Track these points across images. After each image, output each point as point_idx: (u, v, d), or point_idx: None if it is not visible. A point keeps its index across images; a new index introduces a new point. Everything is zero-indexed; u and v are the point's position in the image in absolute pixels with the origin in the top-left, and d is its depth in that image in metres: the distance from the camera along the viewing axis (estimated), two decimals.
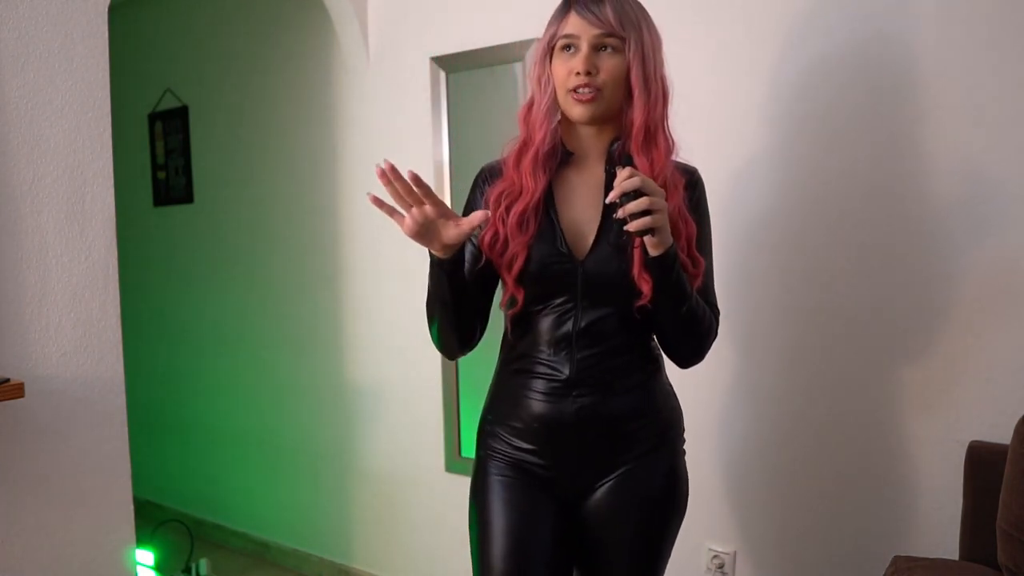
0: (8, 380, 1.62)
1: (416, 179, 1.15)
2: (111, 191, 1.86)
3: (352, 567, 2.83)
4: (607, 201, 1.17)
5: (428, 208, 1.17)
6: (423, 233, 1.19)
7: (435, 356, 2.46)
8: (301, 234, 2.89)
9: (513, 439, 1.37)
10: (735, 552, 1.98)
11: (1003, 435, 1.55)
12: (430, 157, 2.43)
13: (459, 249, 1.25)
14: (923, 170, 1.69)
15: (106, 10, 1.84)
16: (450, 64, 2.40)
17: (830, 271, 1.81)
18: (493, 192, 1.34)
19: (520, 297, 1.32)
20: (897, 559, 1.55)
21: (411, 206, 1.17)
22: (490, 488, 1.38)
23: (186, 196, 3.31)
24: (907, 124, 1.71)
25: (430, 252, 1.25)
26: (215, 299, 3.25)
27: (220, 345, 3.25)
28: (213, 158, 3.20)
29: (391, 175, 1.15)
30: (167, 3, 3.37)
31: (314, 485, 2.94)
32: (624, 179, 1.14)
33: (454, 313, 1.31)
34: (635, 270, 1.25)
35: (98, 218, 1.84)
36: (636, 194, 1.13)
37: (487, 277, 1.35)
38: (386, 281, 2.61)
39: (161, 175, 3.42)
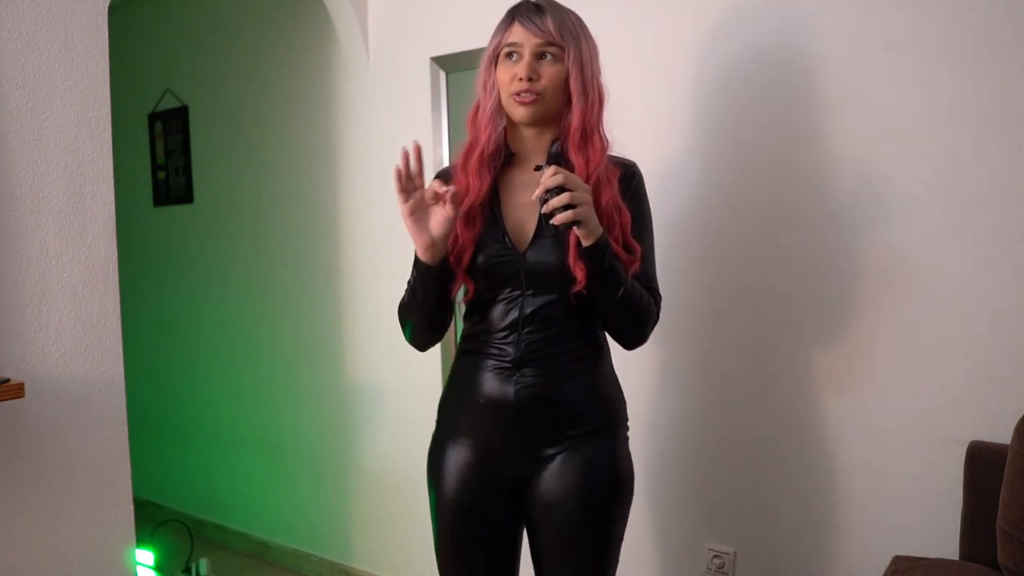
0: (8, 380, 1.62)
1: (418, 152, 1.32)
2: (111, 191, 1.86)
3: (352, 567, 2.83)
4: (533, 198, 1.29)
5: (426, 191, 1.34)
6: (419, 216, 1.34)
7: (435, 356, 2.46)
8: (301, 234, 2.89)
9: (465, 417, 1.47)
10: (735, 552, 1.98)
11: (1003, 435, 1.56)
12: (430, 157, 2.43)
13: (444, 255, 1.38)
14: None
15: (106, 10, 1.84)
16: (450, 64, 2.40)
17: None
18: None
19: (471, 288, 1.44)
20: (897, 559, 1.55)
21: (415, 188, 1.33)
22: (444, 464, 1.48)
23: (186, 196, 3.31)
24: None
25: (419, 261, 1.38)
26: (215, 299, 3.25)
27: (220, 345, 3.25)
28: (213, 158, 3.20)
29: (415, 155, 1.31)
30: (167, 3, 3.37)
31: (314, 485, 2.94)
32: (548, 177, 1.25)
33: (432, 312, 1.44)
34: (570, 259, 1.36)
35: (98, 218, 1.84)
36: (560, 190, 1.24)
37: (450, 271, 1.45)
38: (386, 281, 2.60)
39: (161, 175, 3.42)
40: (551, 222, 1.26)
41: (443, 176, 1.50)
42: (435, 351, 2.44)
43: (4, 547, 1.70)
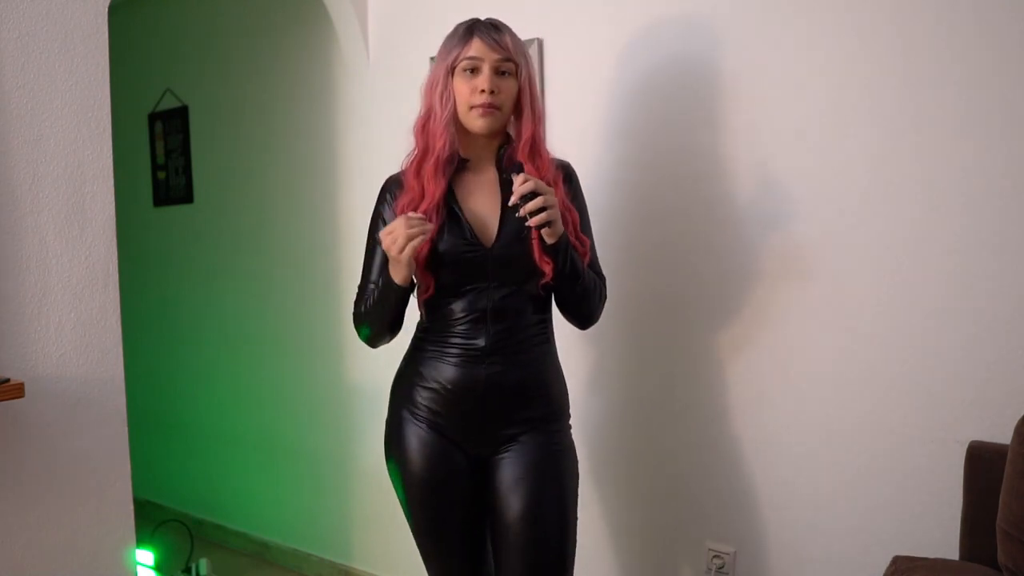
0: (8, 380, 1.62)
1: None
2: (111, 191, 1.86)
3: (352, 567, 2.83)
4: (509, 204, 1.42)
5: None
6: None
7: None
8: (301, 234, 2.89)
9: (425, 402, 1.56)
10: (735, 552, 1.98)
11: (1003, 435, 1.55)
12: None
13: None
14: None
15: (106, 10, 1.85)
16: None
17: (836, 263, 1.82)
18: (399, 205, 1.54)
19: (430, 284, 1.53)
20: (897, 559, 1.55)
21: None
22: (407, 443, 1.58)
23: (186, 196, 3.31)
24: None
25: (390, 281, 1.48)
26: (215, 299, 3.25)
27: (220, 345, 3.25)
28: (213, 158, 3.20)
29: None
30: (167, 3, 3.37)
31: (314, 485, 2.94)
32: (520, 184, 1.39)
33: (395, 315, 1.55)
34: (536, 255, 1.49)
35: (98, 218, 1.84)
36: (532, 195, 1.39)
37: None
38: None
39: (161, 175, 3.42)
40: (528, 223, 1.41)
41: (396, 183, 1.59)
42: None
43: (4, 546, 1.70)
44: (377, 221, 1.62)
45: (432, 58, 2.42)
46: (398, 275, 1.46)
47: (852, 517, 1.81)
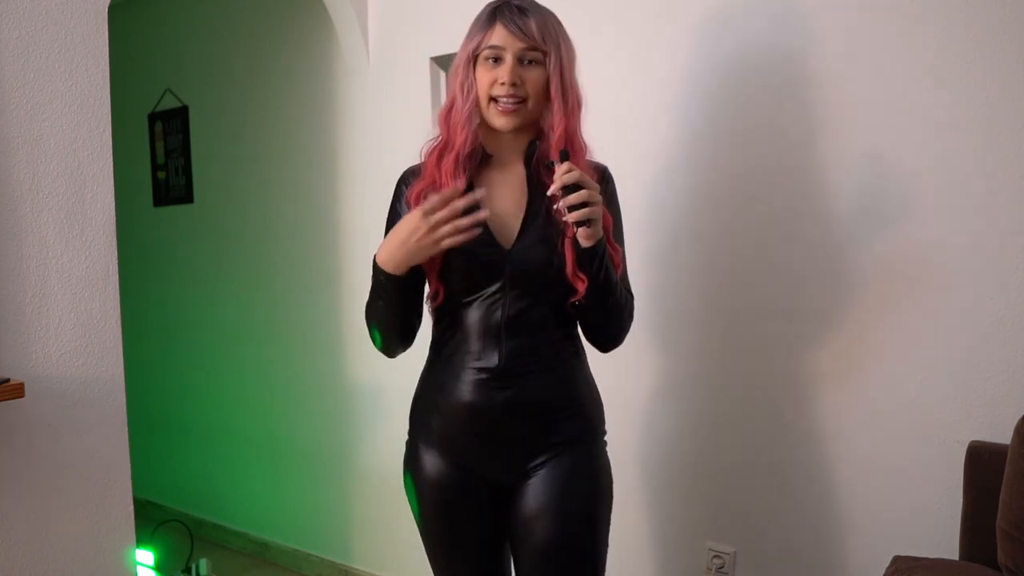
0: (8, 380, 1.62)
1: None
2: (111, 191, 1.86)
3: (352, 567, 2.82)
4: (549, 193, 1.26)
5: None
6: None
7: None
8: (301, 234, 2.89)
9: (442, 426, 1.42)
10: (735, 552, 1.98)
11: (1003, 435, 1.55)
12: None
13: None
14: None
15: (106, 10, 1.84)
16: (450, 64, 2.39)
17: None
18: (414, 191, 1.39)
19: (442, 291, 1.38)
20: (897, 559, 1.55)
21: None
22: (423, 470, 1.44)
23: (186, 196, 3.31)
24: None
25: (383, 270, 1.33)
26: (215, 299, 3.25)
27: (220, 345, 3.25)
28: (213, 158, 3.20)
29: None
30: (167, 3, 3.37)
31: (314, 485, 2.94)
32: (564, 173, 1.23)
33: (399, 316, 1.39)
34: (568, 268, 1.33)
35: (98, 218, 1.84)
36: (576, 187, 1.23)
37: (419, 273, 1.38)
38: None
39: (161, 175, 3.42)
40: (566, 219, 1.25)
41: (412, 174, 1.45)
42: None
43: (3, 546, 1.70)
44: (393, 219, 1.45)
45: (432, 58, 2.45)
46: (391, 262, 1.31)
47: (852, 517, 1.81)
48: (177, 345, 3.45)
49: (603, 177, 1.43)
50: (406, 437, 1.50)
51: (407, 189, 1.43)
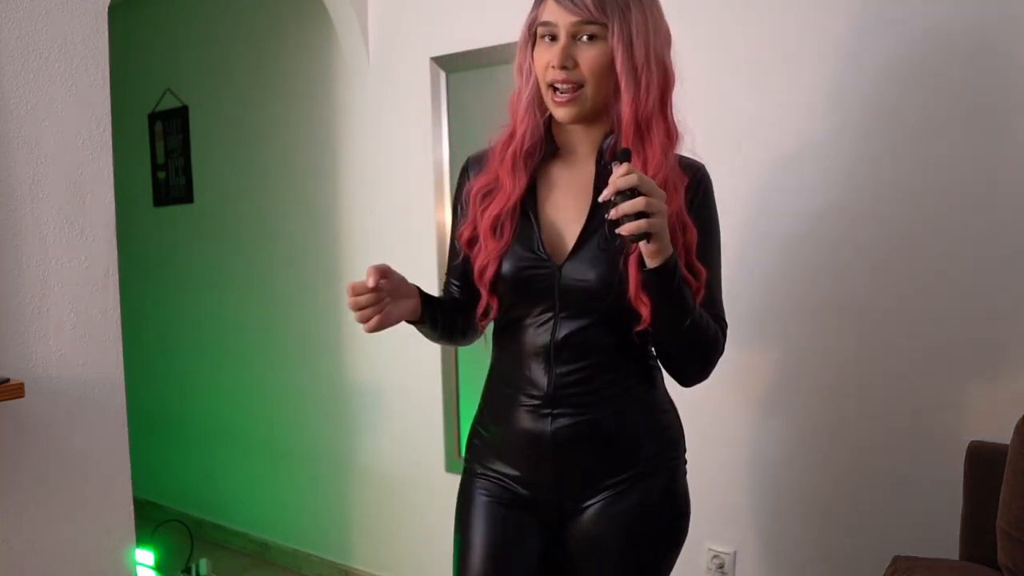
0: (8, 380, 1.62)
1: (384, 272, 1.15)
2: (111, 191, 1.86)
3: (352, 567, 2.83)
4: (600, 199, 1.04)
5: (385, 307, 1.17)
6: (385, 313, 1.16)
7: (435, 356, 2.46)
8: (301, 234, 2.89)
9: (496, 457, 1.28)
10: (735, 552, 1.98)
11: (1003, 435, 1.55)
12: (430, 157, 2.43)
13: (424, 303, 1.23)
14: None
15: (106, 10, 1.84)
16: (450, 64, 2.40)
17: (837, 268, 1.81)
18: (475, 185, 1.26)
19: (494, 306, 1.24)
20: (897, 559, 1.55)
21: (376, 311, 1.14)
22: (473, 505, 1.29)
23: (186, 196, 3.31)
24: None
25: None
26: (215, 299, 3.25)
27: (220, 345, 3.25)
28: (213, 158, 3.20)
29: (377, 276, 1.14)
30: (167, 3, 3.37)
31: (314, 485, 2.94)
32: (620, 175, 1.01)
33: (444, 340, 1.32)
34: (631, 291, 1.13)
35: (98, 218, 1.84)
36: (632, 193, 1.01)
37: (471, 274, 1.26)
38: None
39: (161, 175, 3.42)
40: (617, 231, 1.02)
41: (475, 161, 1.30)
42: (434, 352, 2.44)
43: (4, 546, 1.70)
44: (456, 208, 1.32)
45: (432, 58, 2.45)
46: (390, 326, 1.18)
47: (852, 517, 1.81)
48: (177, 344, 3.45)
49: (696, 179, 1.20)
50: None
51: (469, 180, 1.29)
